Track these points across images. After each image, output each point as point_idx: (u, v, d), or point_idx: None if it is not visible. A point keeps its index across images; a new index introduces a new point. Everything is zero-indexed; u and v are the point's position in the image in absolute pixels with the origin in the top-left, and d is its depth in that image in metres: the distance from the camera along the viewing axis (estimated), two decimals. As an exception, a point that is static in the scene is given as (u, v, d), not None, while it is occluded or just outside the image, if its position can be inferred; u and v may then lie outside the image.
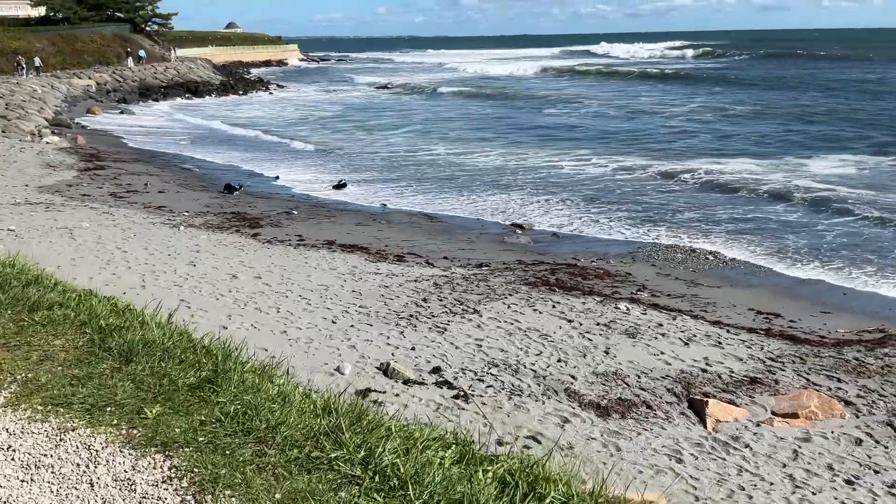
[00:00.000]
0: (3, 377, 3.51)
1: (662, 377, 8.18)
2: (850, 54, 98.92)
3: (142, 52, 65.64)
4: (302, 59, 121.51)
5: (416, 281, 12.10)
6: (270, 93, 62.44)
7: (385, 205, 21.07)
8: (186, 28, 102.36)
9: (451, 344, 8.93)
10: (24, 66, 46.57)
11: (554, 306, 10.68)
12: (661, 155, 29.03)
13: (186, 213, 17.02)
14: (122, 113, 42.07)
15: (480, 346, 8.88)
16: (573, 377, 8.03)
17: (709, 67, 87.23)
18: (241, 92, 60.14)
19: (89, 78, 51.35)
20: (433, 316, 10.06)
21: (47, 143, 27.26)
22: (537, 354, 8.64)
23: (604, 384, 7.90)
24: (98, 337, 3.96)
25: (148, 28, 79.93)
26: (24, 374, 3.54)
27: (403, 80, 75.64)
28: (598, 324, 9.87)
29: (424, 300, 10.91)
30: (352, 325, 9.58)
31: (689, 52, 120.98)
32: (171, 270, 11.93)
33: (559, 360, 8.48)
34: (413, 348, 8.77)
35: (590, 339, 9.20)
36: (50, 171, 21.28)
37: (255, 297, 10.75)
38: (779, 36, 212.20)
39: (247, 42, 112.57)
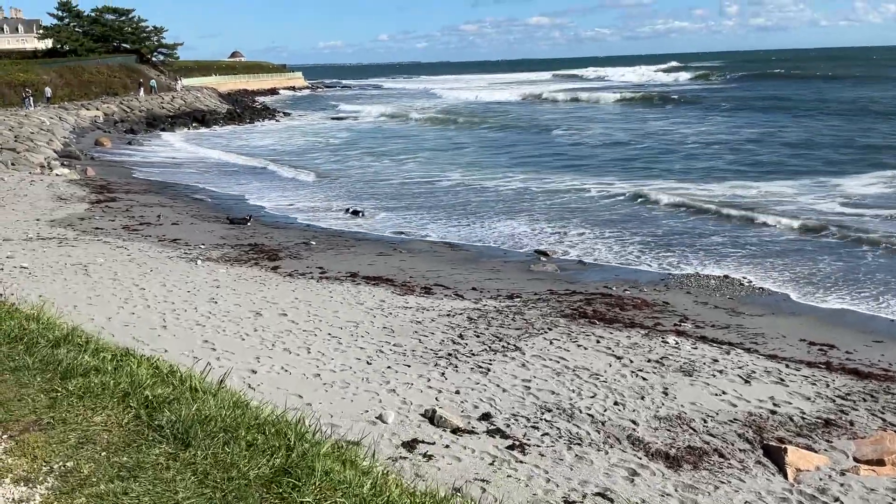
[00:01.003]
0: (37, 466, 2.95)
1: (730, 420, 7.57)
2: (846, 73, 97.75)
3: (153, 82, 66.00)
4: (306, 87, 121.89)
5: (448, 315, 11.54)
6: (277, 121, 62.32)
7: (403, 233, 20.55)
8: (190, 58, 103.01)
9: (498, 386, 8.35)
10: (32, 97, 46.34)
11: (598, 341, 10.10)
12: (683, 178, 28.53)
13: (203, 246, 16.52)
14: (130, 143, 41.82)
15: (529, 387, 8.30)
16: (634, 422, 7.43)
17: (708, 89, 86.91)
18: (248, 120, 59.98)
19: (97, 109, 51.22)
20: (473, 354, 9.48)
21: (57, 175, 26.89)
22: (591, 397, 8.05)
23: (668, 429, 7.30)
24: (145, 412, 3.39)
25: (154, 58, 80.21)
26: (62, 463, 2.97)
27: (380, 107, 73.34)
28: (649, 360, 9.27)
29: (461, 336, 10.34)
30: (388, 367, 9.01)
31: (684, 76, 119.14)
32: (191, 308, 11.40)
33: (616, 403, 7.89)
34: (457, 392, 8.19)
35: (644, 379, 8.60)
36: (61, 204, 20.85)
37: (282, 336, 10.20)
38: (779, 56, 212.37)
39: (252, 70, 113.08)
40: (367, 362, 9.18)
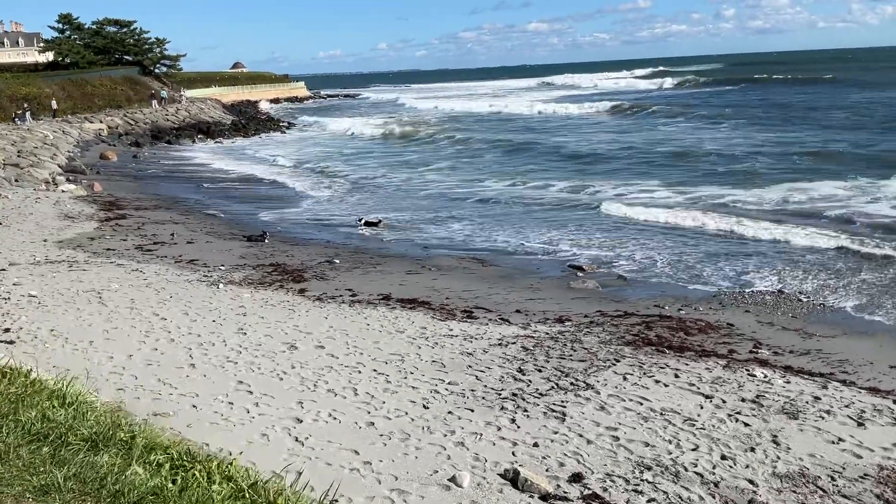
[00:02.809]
0: None
1: (860, 477, 6.51)
2: (844, 77, 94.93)
3: (164, 93, 65.46)
4: (309, 97, 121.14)
5: (500, 345, 10.48)
6: (283, 132, 61.33)
7: (427, 247, 19.54)
8: (191, 69, 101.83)
9: (580, 436, 7.29)
10: (30, 112, 44.38)
11: (677, 375, 9.04)
12: (732, 182, 27.52)
13: (223, 268, 15.48)
14: (135, 157, 40.82)
15: (617, 437, 7.23)
16: (752, 482, 6.37)
17: (681, 96, 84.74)
18: (252, 132, 58.95)
19: (101, 122, 50.30)
20: (541, 394, 8.42)
21: (63, 191, 25.90)
22: (693, 449, 6.99)
23: (794, 490, 6.24)
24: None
25: (157, 70, 79.40)
26: None
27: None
28: (743, 399, 8.21)
29: (521, 371, 9.29)
30: (449, 412, 7.95)
31: (669, 81, 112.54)
32: (219, 341, 10.35)
33: (724, 458, 6.82)
34: (535, 444, 7.12)
35: (746, 424, 7.54)
36: (69, 223, 19.84)
37: (323, 374, 9.15)
38: (777, 59, 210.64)
39: (255, 81, 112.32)
40: (424, 406, 8.13)
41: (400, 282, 15.11)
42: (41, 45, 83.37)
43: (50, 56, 76.25)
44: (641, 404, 8.07)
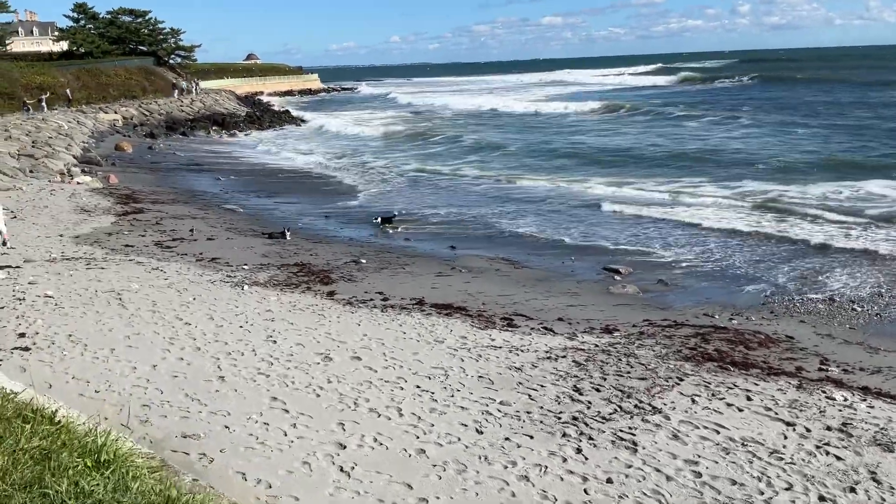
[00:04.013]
0: None
1: (983, 526, 5.75)
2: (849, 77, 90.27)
3: (183, 84, 65.18)
4: (323, 89, 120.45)
5: (549, 358, 9.74)
6: (298, 124, 60.63)
7: (454, 247, 18.81)
8: (204, 60, 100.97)
9: (658, 471, 6.54)
10: (44, 102, 43.85)
11: (749, 398, 8.28)
12: (772, 179, 26.72)
13: (246, 267, 14.80)
14: (150, 149, 40.23)
15: (699, 473, 6.48)
16: (863, 531, 5.61)
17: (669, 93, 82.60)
18: (267, 124, 58.22)
19: (115, 112, 49.74)
20: (604, 419, 7.68)
21: (79, 183, 25.28)
22: (787, 489, 6.23)
23: (912, 543, 5.47)
24: None
25: (171, 61, 78.84)
26: None
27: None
28: (829, 428, 7.45)
29: (577, 389, 8.55)
30: (506, 438, 7.22)
31: (667, 78, 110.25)
32: (248, 350, 9.66)
33: (822, 499, 6.07)
34: (609, 480, 6.39)
35: (838, 458, 6.78)
36: (85, 217, 19.20)
37: (362, 390, 8.44)
38: (791, 55, 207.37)
39: (269, 73, 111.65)
40: (478, 430, 7.40)
41: (431, 284, 14.40)
42: (56, 34, 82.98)
43: (64, 45, 75.78)
44: (718, 432, 7.32)
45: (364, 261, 16.26)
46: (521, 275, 15.83)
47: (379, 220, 21.04)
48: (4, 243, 13.43)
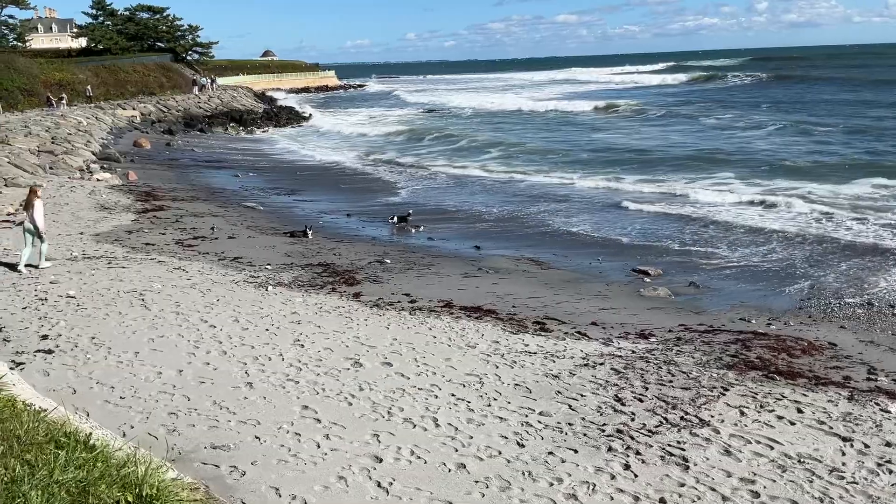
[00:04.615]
0: None
1: None
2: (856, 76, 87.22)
3: (204, 80, 65.36)
4: (340, 86, 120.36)
5: (586, 365, 9.40)
6: (315, 122, 60.43)
7: (479, 247, 18.47)
8: (220, 57, 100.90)
9: (712, 489, 6.18)
10: (63, 101, 44.37)
11: (800, 410, 7.89)
12: (805, 177, 26.24)
13: (269, 267, 14.54)
14: (168, 145, 40.15)
15: (757, 493, 6.12)
16: (941, 561, 5.23)
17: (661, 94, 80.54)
18: (285, 121, 58.09)
19: (133, 108, 49.76)
20: (650, 431, 7.33)
21: (98, 180, 25.16)
22: (854, 513, 5.86)
23: None
24: None
25: (189, 57, 78.98)
26: None
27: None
28: (888, 444, 7.06)
29: (618, 399, 8.20)
30: (550, 452, 6.88)
31: (680, 77, 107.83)
32: (275, 355, 9.38)
33: (894, 525, 5.69)
34: (662, 500, 6.04)
35: (905, 477, 6.39)
36: (105, 215, 19.02)
37: (395, 398, 8.13)
38: (808, 53, 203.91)
39: (286, 69, 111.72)
40: (519, 443, 7.07)
41: (458, 286, 14.08)
42: (74, 30, 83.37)
43: (83, 42, 76.11)
44: (772, 448, 6.95)
45: (388, 261, 15.97)
46: (550, 276, 15.48)
47: (395, 219, 20.66)
48: (41, 237, 13.39)
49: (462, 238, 19.23)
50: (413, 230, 20.10)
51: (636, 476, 6.41)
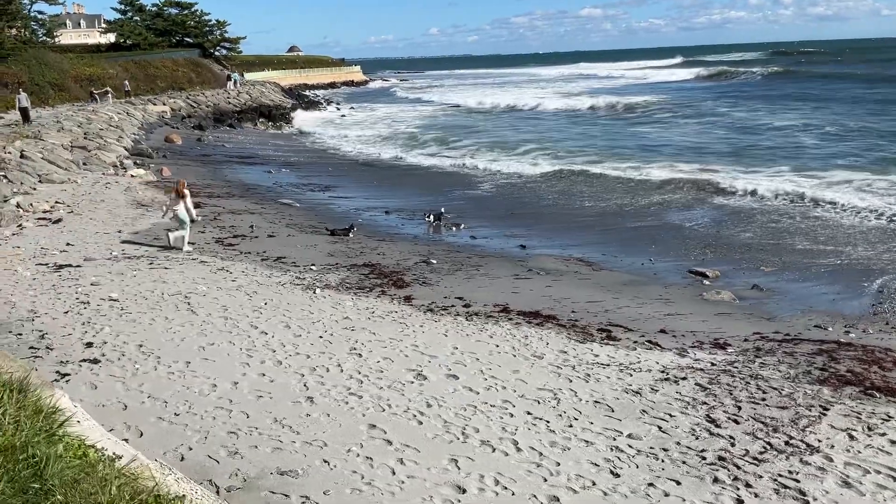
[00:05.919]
0: None
1: None
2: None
3: (235, 75, 65.30)
4: (366, 81, 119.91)
5: (666, 379, 8.72)
6: (346, 115, 59.96)
7: (524, 246, 17.82)
8: (246, 53, 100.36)
9: (843, 531, 5.49)
10: (110, 95, 44.97)
11: (916, 435, 7.15)
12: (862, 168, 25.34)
13: (314, 268, 13.98)
14: (199, 140, 39.84)
15: (896, 536, 5.42)
16: None
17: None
18: (313, 115, 57.62)
19: (164, 104, 49.55)
20: (756, 459, 6.63)
21: (132, 176, 24.78)
22: None
23: None
24: None
25: (217, 53, 78.86)
26: None
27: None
28: None
29: (711, 420, 7.51)
30: (649, 484, 6.22)
31: (691, 73, 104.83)
32: (333, 366, 8.79)
33: None
34: (789, 542, 5.36)
35: None
36: (142, 213, 18.58)
37: (468, 416, 7.51)
38: (832, 47, 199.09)
39: (312, 65, 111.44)
40: (613, 472, 6.42)
41: (511, 288, 13.43)
42: (103, 26, 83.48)
43: (112, 37, 76.14)
44: (894, 479, 6.23)
45: (435, 261, 15.36)
46: (603, 278, 14.79)
47: (431, 217, 20.01)
48: (193, 221, 15.45)
49: (505, 237, 18.57)
50: (454, 228, 19.47)
51: (752, 514, 5.74)
